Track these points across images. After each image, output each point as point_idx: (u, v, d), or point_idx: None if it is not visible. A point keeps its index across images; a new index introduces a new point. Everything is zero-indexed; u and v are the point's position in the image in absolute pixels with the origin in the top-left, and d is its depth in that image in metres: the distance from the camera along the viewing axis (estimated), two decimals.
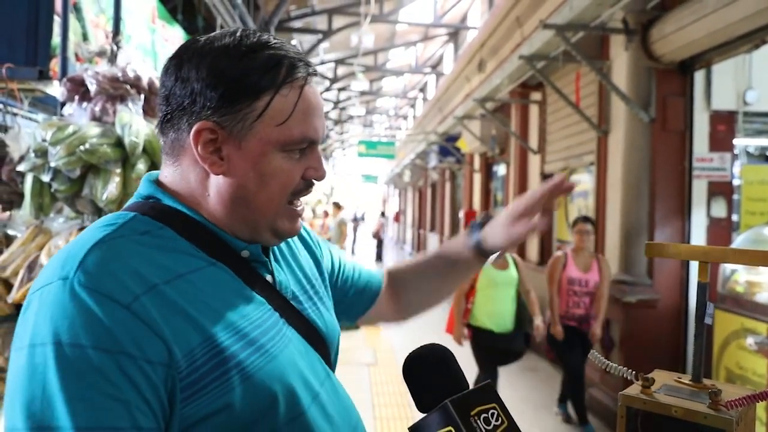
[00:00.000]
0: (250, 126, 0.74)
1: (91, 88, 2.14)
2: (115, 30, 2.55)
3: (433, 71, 17.77)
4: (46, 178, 2.06)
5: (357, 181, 28.17)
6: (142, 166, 2.10)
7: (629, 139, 4.64)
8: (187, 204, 0.77)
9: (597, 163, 5.38)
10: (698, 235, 4.54)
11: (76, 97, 2.18)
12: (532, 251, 7.30)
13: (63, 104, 2.24)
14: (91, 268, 0.65)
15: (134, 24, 3.40)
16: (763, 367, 3.29)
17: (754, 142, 5.58)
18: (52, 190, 2.11)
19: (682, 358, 4.41)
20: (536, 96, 7.26)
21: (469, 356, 4.11)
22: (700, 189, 4.54)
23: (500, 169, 9.54)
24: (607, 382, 4.59)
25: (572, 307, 4.22)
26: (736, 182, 4.69)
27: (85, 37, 2.96)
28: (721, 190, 4.59)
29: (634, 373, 0.79)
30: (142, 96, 2.23)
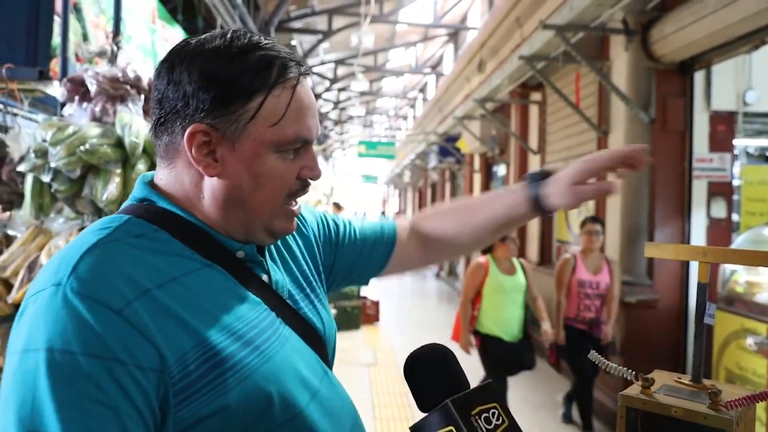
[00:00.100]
0: (244, 127, 0.74)
1: (92, 88, 2.13)
2: (116, 30, 2.55)
3: (433, 71, 17.74)
4: (46, 178, 2.05)
5: (357, 181, 28.12)
6: (142, 167, 2.10)
7: (629, 140, 4.62)
8: (181, 206, 0.77)
9: None
10: (698, 236, 4.53)
11: (76, 98, 2.18)
12: (533, 251, 7.28)
13: (63, 104, 2.24)
14: (83, 274, 0.65)
15: (134, 24, 3.40)
16: (763, 368, 3.28)
17: (754, 143, 5.59)
18: (52, 190, 2.10)
19: (682, 359, 4.40)
20: (536, 96, 7.25)
21: (476, 364, 3.99)
22: (700, 189, 4.53)
23: (500, 170, 9.53)
24: (607, 382, 4.59)
25: (583, 310, 4.09)
26: (736, 183, 4.69)
27: (86, 38, 2.96)
28: (721, 190, 4.59)
29: (634, 373, 0.79)
30: (143, 96, 2.23)
